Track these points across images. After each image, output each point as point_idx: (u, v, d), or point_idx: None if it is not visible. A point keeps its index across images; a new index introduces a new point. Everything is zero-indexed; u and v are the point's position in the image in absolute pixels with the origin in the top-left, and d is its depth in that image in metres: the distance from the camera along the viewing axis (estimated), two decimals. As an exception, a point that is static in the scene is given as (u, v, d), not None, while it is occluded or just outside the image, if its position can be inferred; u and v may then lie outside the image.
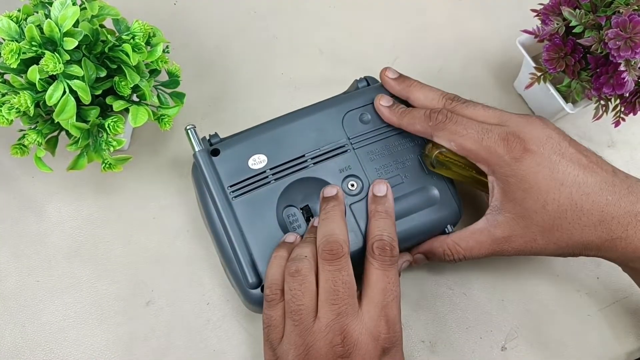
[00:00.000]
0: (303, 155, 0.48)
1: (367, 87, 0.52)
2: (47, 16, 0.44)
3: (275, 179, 0.47)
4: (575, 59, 0.50)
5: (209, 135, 0.49)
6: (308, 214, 0.48)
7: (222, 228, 0.46)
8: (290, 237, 0.46)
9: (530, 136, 0.44)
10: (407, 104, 0.51)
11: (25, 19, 0.44)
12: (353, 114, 0.50)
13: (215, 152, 0.48)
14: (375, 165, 0.49)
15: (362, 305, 0.41)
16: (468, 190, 0.55)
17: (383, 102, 0.50)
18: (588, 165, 0.43)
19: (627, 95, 0.51)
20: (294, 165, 0.48)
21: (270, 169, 0.48)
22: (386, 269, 0.42)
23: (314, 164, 0.48)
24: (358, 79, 0.52)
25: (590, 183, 0.43)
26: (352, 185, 0.48)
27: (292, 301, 0.41)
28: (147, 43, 0.48)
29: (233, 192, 0.47)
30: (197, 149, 0.47)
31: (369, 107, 0.51)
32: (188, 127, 0.47)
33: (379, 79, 0.53)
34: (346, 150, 0.49)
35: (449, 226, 0.49)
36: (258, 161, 0.48)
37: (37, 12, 0.45)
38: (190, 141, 0.47)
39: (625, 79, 0.47)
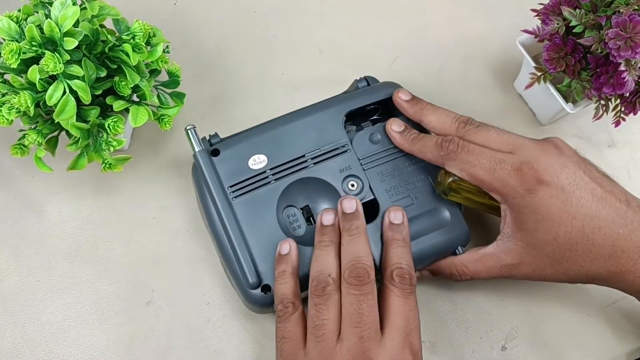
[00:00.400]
0: (303, 155, 0.48)
1: (367, 86, 0.52)
2: (47, 16, 0.44)
3: (275, 179, 0.47)
4: (576, 59, 0.50)
5: (209, 135, 0.49)
6: (308, 214, 0.48)
7: (222, 228, 0.46)
8: (285, 248, 0.45)
9: (544, 166, 0.43)
10: (420, 127, 0.50)
11: (26, 19, 0.44)
12: (362, 135, 0.50)
13: (215, 152, 0.48)
14: (386, 186, 0.49)
15: (384, 333, 0.41)
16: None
17: (395, 127, 0.49)
18: (602, 195, 0.43)
19: (628, 95, 0.51)
20: (294, 166, 0.48)
21: (271, 169, 0.48)
22: (407, 297, 0.42)
23: (314, 164, 0.48)
24: (358, 78, 0.52)
25: (603, 216, 0.42)
26: (352, 185, 0.48)
27: (316, 316, 0.41)
28: (147, 43, 0.48)
29: (233, 192, 0.47)
30: (197, 149, 0.47)
31: (379, 127, 0.50)
32: (188, 128, 0.47)
33: (379, 79, 0.53)
34: (346, 150, 0.49)
35: (459, 248, 0.49)
36: (258, 161, 0.48)
37: (37, 12, 0.45)
38: (190, 141, 0.47)
39: (626, 79, 0.47)
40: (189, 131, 0.47)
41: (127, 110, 0.46)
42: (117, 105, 0.46)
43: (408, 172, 0.50)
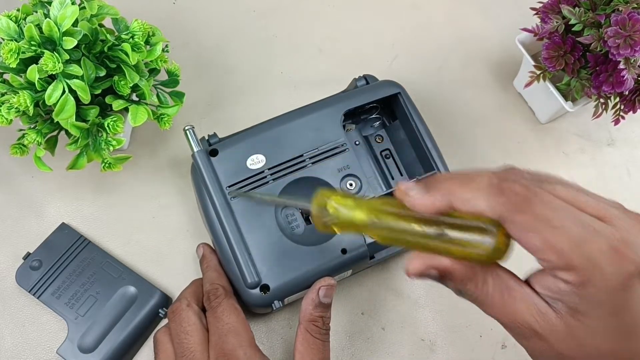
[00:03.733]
0: (301, 155, 0.48)
1: (366, 85, 0.52)
2: (47, 15, 0.44)
3: (273, 179, 0.47)
4: (575, 57, 0.50)
5: (208, 135, 0.49)
6: (307, 213, 0.48)
7: (221, 228, 0.46)
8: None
9: None
10: None
11: (25, 19, 0.44)
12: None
13: (213, 153, 0.48)
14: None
15: None
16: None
17: (410, 192, 0.32)
18: None
19: (627, 93, 0.51)
20: (292, 165, 0.48)
21: (269, 169, 0.48)
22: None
23: (313, 163, 0.48)
24: (357, 77, 0.52)
25: None
26: (351, 184, 0.48)
27: None
28: (147, 42, 0.48)
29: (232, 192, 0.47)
30: (195, 150, 0.47)
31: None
32: (186, 128, 0.47)
33: (378, 78, 0.53)
34: (345, 150, 0.49)
35: None
36: (256, 161, 0.48)
37: (37, 12, 0.45)
38: (188, 142, 0.47)
39: (625, 77, 0.47)
40: (187, 131, 0.47)
41: (126, 109, 0.46)
42: (117, 104, 0.46)
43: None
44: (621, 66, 0.47)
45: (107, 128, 0.46)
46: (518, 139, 0.59)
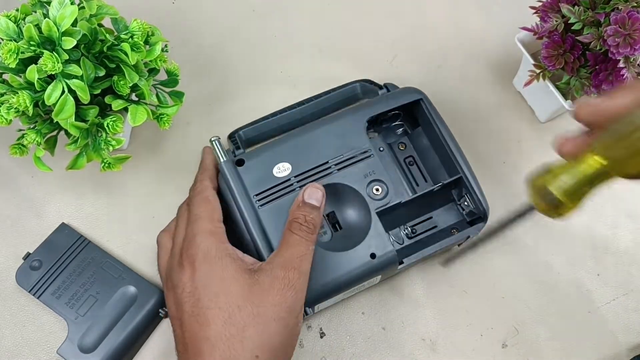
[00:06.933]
0: (327, 162, 0.48)
1: (388, 92, 0.52)
2: (46, 15, 0.43)
3: (300, 187, 0.47)
4: (575, 56, 0.50)
5: (233, 146, 0.50)
6: (333, 220, 0.48)
7: (249, 236, 0.46)
8: None
9: None
10: None
11: (24, 19, 0.44)
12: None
13: (240, 162, 0.48)
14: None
15: None
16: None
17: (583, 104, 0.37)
18: None
19: (627, 92, 0.50)
20: (318, 172, 0.48)
21: (295, 177, 0.48)
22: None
23: (338, 170, 0.48)
24: (381, 85, 0.53)
25: None
26: (377, 189, 0.48)
27: None
28: (146, 42, 0.48)
29: (259, 200, 0.47)
30: (222, 160, 0.47)
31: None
32: (213, 139, 0.48)
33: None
34: (370, 156, 0.49)
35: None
36: (282, 169, 0.48)
37: (36, 12, 0.45)
38: (215, 153, 0.48)
39: (625, 76, 0.47)
40: (214, 142, 0.48)
41: (126, 109, 0.46)
42: (116, 104, 0.46)
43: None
44: (621, 65, 0.47)
45: (106, 128, 0.46)
46: (518, 138, 0.59)
